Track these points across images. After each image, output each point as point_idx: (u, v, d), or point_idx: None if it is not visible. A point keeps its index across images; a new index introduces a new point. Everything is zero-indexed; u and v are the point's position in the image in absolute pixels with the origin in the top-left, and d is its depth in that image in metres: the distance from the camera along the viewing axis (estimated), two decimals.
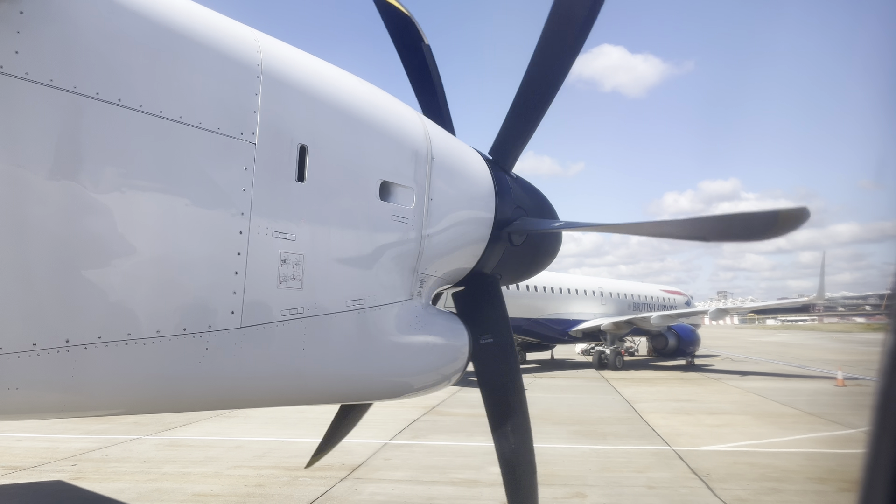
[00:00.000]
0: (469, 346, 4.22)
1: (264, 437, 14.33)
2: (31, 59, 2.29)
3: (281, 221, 3.03)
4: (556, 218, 5.07)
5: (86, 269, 2.46)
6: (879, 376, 1.16)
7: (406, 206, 3.70)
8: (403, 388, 3.99)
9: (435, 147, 3.94)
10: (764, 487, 10.35)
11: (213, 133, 2.78)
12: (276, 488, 10.03)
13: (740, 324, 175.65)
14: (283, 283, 3.03)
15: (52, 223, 2.37)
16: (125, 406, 2.90)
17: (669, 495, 9.85)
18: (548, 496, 9.42)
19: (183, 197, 2.69)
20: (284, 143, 3.06)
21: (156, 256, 2.62)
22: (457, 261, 4.28)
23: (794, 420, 17.48)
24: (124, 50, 2.55)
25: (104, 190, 2.47)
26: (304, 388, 3.39)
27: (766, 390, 24.41)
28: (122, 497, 9.46)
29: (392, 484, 10.35)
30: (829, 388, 26.22)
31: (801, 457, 12.75)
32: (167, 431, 14.80)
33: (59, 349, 2.39)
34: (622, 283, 44.75)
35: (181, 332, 2.70)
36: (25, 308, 2.34)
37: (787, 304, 56.83)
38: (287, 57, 3.25)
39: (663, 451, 13.14)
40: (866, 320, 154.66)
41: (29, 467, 11.22)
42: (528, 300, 32.60)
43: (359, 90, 3.66)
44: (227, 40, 2.93)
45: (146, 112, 2.57)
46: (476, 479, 10.65)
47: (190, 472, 10.96)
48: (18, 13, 2.27)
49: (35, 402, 2.54)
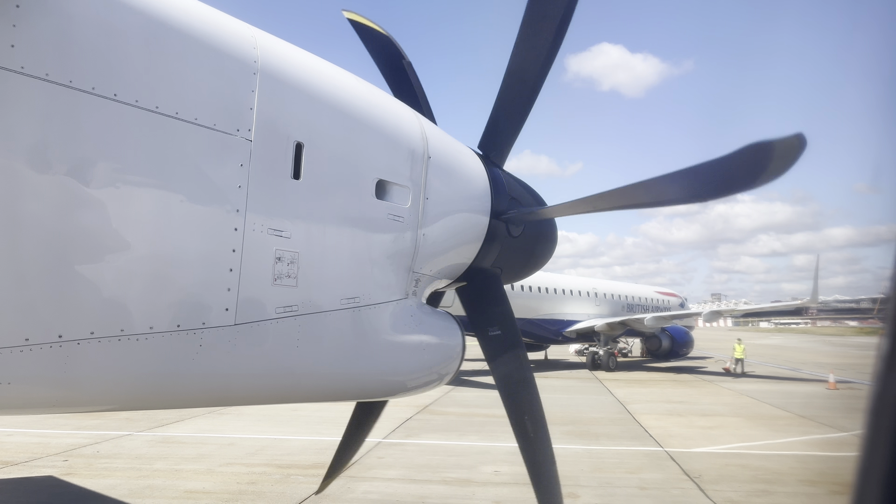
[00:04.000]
0: (463, 346, 4.22)
1: (257, 434, 14.31)
2: (26, 53, 2.28)
3: (276, 219, 3.02)
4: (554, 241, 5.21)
5: (79, 265, 2.44)
6: (873, 380, 1.16)
7: (402, 204, 3.69)
8: (397, 386, 3.99)
9: (431, 146, 3.94)
10: (755, 489, 10.39)
11: (208, 129, 2.77)
12: (269, 486, 10.02)
13: (734, 326, 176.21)
14: (277, 281, 3.03)
15: (45, 218, 2.35)
16: (117, 402, 2.89)
17: (661, 496, 9.87)
18: None
19: (178, 193, 2.68)
20: (280, 141, 3.05)
21: (150, 252, 2.61)
22: (452, 259, 4.28)
23: (786, 422, 17.56)
24: (120, 45, 2.53)
25: (98, 185, 2.46)
26: (298, 386, 3.38)
27: (758, 393, 24.50)
28: (113, 493, 9.43)
29: (385, 482, 10.35)
30: (821, 391, 26.34)
31: (793, 459, 12.81)
32: (159, 428, 14.76)
33: (51, 344, 2.38)
34: (616, 284, 44.87)
35: (175, 329, 2.69)
36: (18, 303, 2.33)
37: (780, 308, 57.01)
38: (284, 54, 3.24)
39: (656, 453, 13.17)
40: (859, 324, 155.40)
41: (20, 462, 11.18)
42: (523, 300, 32.64)
43: (356, 88, 3.65)
44: (224, 36, 2.92)
45: (142, 107, 2.56)
46: (468, 479, 10.66)
47: (182, 469, 10.93)
48: (15, 7, 2.26)
49: (27, 397, 2.53)
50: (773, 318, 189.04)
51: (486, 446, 13.28)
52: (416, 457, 12.25)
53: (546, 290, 35.04)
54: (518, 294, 32.21)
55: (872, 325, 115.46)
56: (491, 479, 10.64)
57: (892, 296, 1.19)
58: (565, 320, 35.83)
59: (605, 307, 39.30)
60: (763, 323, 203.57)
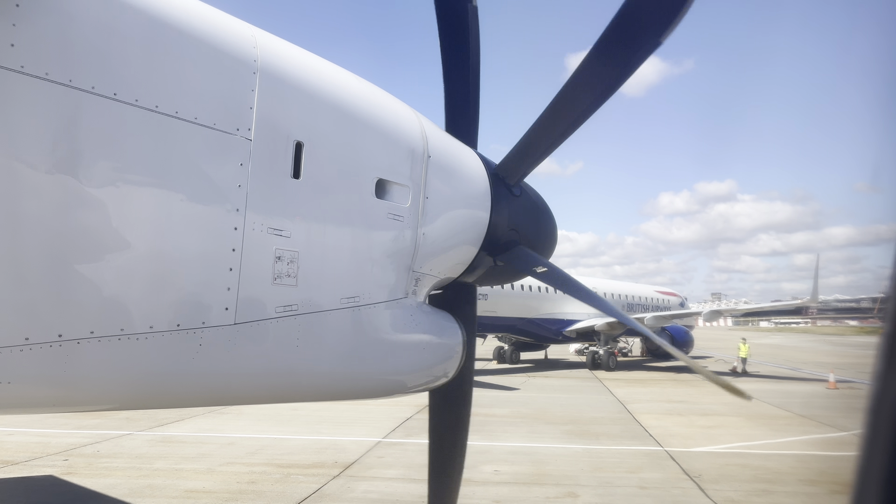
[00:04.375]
0: (463, 345, 4.22)
1: (257, 433, 14.31)
2: (26, 52, 2.28)
3: (276, 218, 3.02)
4: (553, 242, 5.02)
5: (79, 264, 2.44)
6: (873, 379, 1.16)
7: (402, 204, 3.69)
8: (397, 386, 3.99)
9: (431, 145, 3.94)
10: (755, 489, 10.40)
11: (208, 129, 2.77)
12: (269, 485, 10.02)
13: (734, 326, 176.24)
14: (277, 280, 3.03)
15: (45, 217, 2.35)
16: (118, 401, 2.89)
17: (661, 496, 9.88)
18: (540, 496, 9.44)
19: (178, 192, 2.68)
20: (280, 140, 3.05)
21: (150, 252, 2.61)
22: (452, 258, 4.28)
23: (786, 422, 17.57)
24: (120, 44, 2.53)
25: (98, 184, 2.46)
26: (298, 386, 3.38)
27: (758, 392, 24.50)
28: (113, 493, 9.44)
29: (385, 482, 10.35)
30: (821, 390, 26.36)
31: (793, 458, 12.81)
32: (159, 427, 14.76)
33: (51, 344, 2.38)
34: (617, 283, 44.90)
35: (175, 328, 2.69)
36: (18, 302, 2.33)
37: (780, 307, 57.05)
38: (284, 53, 3.24)
39: (656, 452, 13.17)
40: (860, 323, 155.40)
41: (20, 462, 11.18)
42: (523, 299, 32.65)
43: (356, 87, 3.65)
44: (224, 36, 2.92)
45: (142, 107, 2.56)
46: (468, 478, 10.62)
47: (182, 469, 10.94)
48: (14, 6, 2.26)
49: (27, 397, 2.53)
50: (773, 317, 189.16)
51: (485, 446, 13.28)
52: (416, 456, 12.24)
53: (546, 290, 35.04)
54: (518, 293, 32.22)
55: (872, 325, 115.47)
56: (491, 479, 10.63)
57: (892, 295, 1.19)
58: (565, 320, 35.83)
59: None
60: (763, 322, 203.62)
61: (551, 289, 35.36)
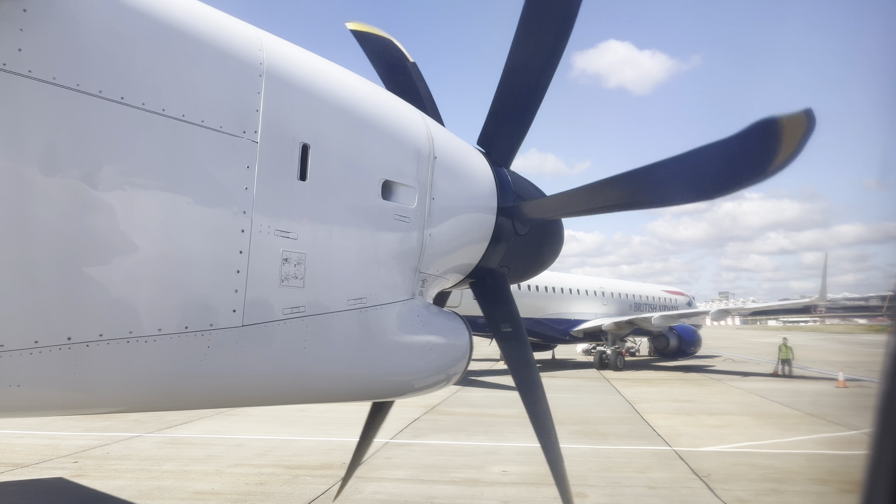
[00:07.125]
0: (470, 346, 4.22)
1: (265, 435, 14.34)
2: (34, 56, 2.29)
3: (283, 220, 3.03)
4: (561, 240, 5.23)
5: (88, 267, 2.46)
6: (882, 378, 1.16)
7: (408, 205, 3.70)
8: (405, 387, 3.99)
9: (437, 146, 3.94)
10: (765, 488, 10.34)
11: (215, 131, 2.78)
12: (277, 486, 10.04)
13: (742, 325, 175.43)
14: (284, 282, 3.04)
15: (54, 221, 2.37)
16: (127, 404, 2.91)
17: (670, 496, 9.84)
18: (548, 496, 9.42)
19: (185, 195, 2.70)
20: (287, 142, 3.06)
21: (158, 254, 2.62)
22: (459, 259, 4.28)
23: (795, 421, 17.47)
24: (127, 48, 2.55)
25: (106, 188, 2.47)
26: (306, 387, 3.39)
27: (767, 391, 24.40)
28: (123, 495, 9.47)
29: (393, 483, 10.35)
30: (830, 389, 26.20)
31: (803, 458, 12.74)
32: (168, 429, 14.81)
33: (60, 346, 2.40)
34: (624, 283, 44.75)
35: (183, 331, 2.70)
36: (27, 305, 2.35)
37: (788, 306, 56.63)
38: (290, 55, 3.25)
39: (664, 452, 13.13)
40: (869, 322, 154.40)
41: (30, 464, 11.24)
42: (530, 300, 32.58)
43: (361, 89, 3.66)
44: (230, 39, 2.94)
45: (148, 110, 2.58)
46: (477, 479, 10.65)
47: (191, 470, 10.97)
48: (22, 11, 2.27)
49: (37, 400, 2.55)
50: (781, 316, 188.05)
51: (494, 446, 13.27)
52: (424, 457, 12.25)
53: (553, 290, 34.97)
54: (525, 293, 32.16)
55: (881, 323, 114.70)
56: (499, 479, 10.62)
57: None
58: (572, 320, 35.74)
59: (612, 306, 39.18)
60: (771, 321, 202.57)
61: (558, 289, 35.36)
